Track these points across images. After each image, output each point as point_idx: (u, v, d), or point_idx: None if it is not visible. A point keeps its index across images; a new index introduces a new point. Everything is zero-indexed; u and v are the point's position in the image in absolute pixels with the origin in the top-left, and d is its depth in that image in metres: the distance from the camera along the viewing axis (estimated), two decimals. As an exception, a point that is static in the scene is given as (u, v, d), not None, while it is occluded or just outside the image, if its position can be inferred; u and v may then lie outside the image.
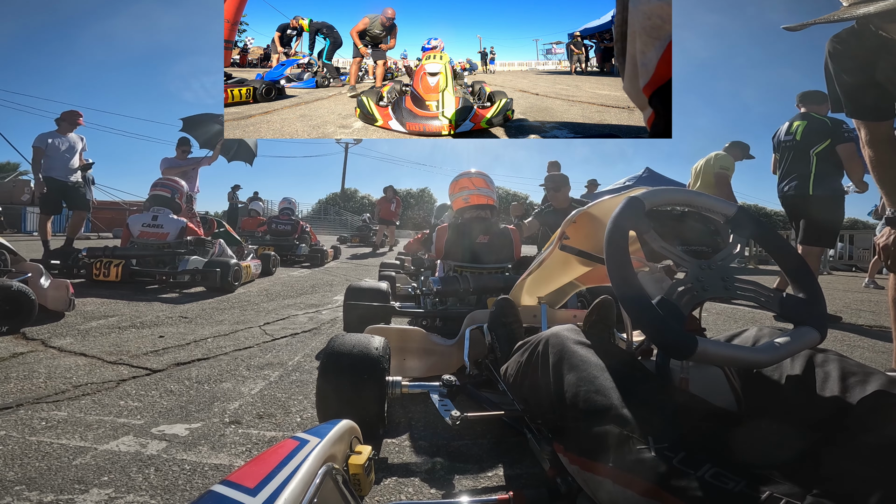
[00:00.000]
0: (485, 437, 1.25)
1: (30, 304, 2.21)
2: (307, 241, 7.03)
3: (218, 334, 2.30)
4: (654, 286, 0.83)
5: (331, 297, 3.61)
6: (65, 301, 2.54)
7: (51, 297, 2.50)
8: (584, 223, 1.19)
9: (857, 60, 1.36)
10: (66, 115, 4.98)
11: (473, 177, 2.58)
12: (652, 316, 0.71)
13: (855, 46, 1.35)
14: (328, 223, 23.59)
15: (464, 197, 2.53)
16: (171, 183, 4.28)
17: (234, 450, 1.14)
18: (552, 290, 1.71)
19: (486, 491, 1.00)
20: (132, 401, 1.42)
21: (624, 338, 1.09)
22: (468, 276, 2.23)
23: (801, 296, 0.80)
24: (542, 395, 0.84)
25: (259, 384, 1.61)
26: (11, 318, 2.15)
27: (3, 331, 2.10)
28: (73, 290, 2.59)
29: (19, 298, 2.18)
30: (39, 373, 1.62)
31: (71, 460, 1.05)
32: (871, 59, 1.33)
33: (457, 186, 2.59)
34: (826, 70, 1.45)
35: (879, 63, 1.32)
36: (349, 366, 1.15)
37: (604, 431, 0.66)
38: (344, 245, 11.18)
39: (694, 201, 0.91)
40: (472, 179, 2.56)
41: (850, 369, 0.72)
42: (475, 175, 2.59)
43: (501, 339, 1.35)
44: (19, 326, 2.18)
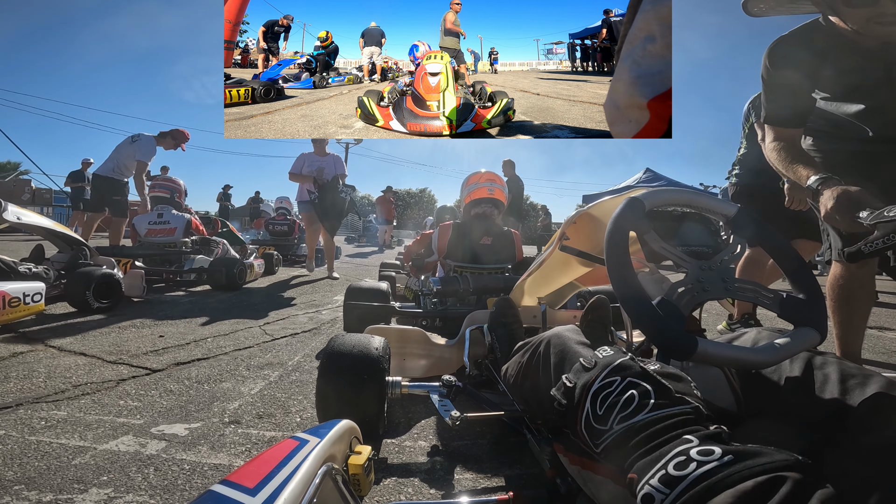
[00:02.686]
0: (485, 437, 1.25)
1: (119, 288, 2.82)
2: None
3: (218, 334, 2.30)
4: (655, 287, 0.83)
5: (331, 297, 3.61)
6: (139, 288, 3.01)
7: (127, 285, 2.95)
8: (584, 224, 1.19)
9: (798, 64, 1.39)
10: (176, 134, 4.58)
11: (483, 173, 2.58)
12: (652, 316, 0.71)
13: (801, 46, 1.38)
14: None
15: (474, 190, 2.52)
16: (169, 183, 4.28)
17: (234, 450, 1.14)
18: (552, 290, 1.71)
19: (486, 491, 1.00)
20: (132, 400, 1.42)
21: (624, 338, 1.09)
22: (468, 276, 2.23)
23: (801, 296, 0.80)
24: (544, 395, 0.83)
25: (259, 384, 1.61)
26: (107, 299, 2.70)
27: (104, 306, 2.67)
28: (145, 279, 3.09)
29: (113, 283, 2.77)
30: (39, 372, 1.62)
31: (70, 460, 1.05)
32: (814, 61, 1.36)
33: (467, 182, 2.59)
34: (765, 71, 1.46)
35: (828, 57, 1.34)
36: (349, 366, 1.15)
37: None
38: (352, 245, 11.27)
39: (694, 202, 0.91)
40: (482, 175, 2.57)
41: (849, 371, 0.72)
42: (485, 172, 2.59)
43: (501, 340, 1.35)
44: (110, 309, 2.70)
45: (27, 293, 2.20)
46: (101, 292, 2.68)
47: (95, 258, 3.15)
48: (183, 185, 4.38)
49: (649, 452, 0.47)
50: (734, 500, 0.37)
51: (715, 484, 0.39)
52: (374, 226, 14.24)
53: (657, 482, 0.43)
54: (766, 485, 0.38)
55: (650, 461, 0.45)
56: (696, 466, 0.41)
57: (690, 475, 0.41)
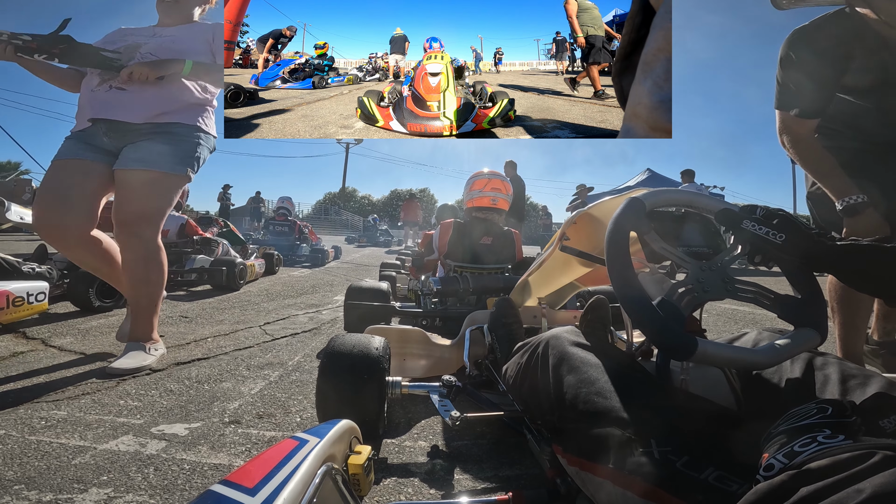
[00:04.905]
0: (485, 437, 1.25)
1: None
2: (307, 240, 7.03)
3: (218, 334, 2.30)
4: (655, 287, 0.83)
5: (331, 297, 3.61)
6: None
7: None
8: (584, 224, 1.19)
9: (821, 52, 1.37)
10: None
11: (487, 177, 2.55)
12: (652, 317, 0.71)
13: (823, 36, 1.36)
14: (328, 223, 23.63)
15: (477, 197, 2.51)
16: None
17: (234, 449, 1.14)
18: (552, 290, 1.71)
19: (486, 491, 1.00)
20: (132, 400, 1.42)
21: (624, 338, 1.08)
22: (468, 276, 2.23)
23: (800, 297, 0.80)
24: (542, 396, 0.83)
25: (259, 384, 1.61)
26: (110, 299, 2.73)
27: (107, 305, 2.71)
28: None
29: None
30: (39, 372, 1.62)
31: (70, 460, 1.05)
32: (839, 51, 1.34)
33: (471, 186, 2.57)
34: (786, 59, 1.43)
35: (854, 48, 1.32)
36: (349, 366, 1.15)
37: (604, 433, 0.66)
38: (352, 245, 11.29)
39: (695, 202, 0.91)
40: (487, 182, 2.53)
41: (849, 372, 0.72)
42: (488, 175, 2.57)
43: (501, 340, 1.35)
44: (114, 306, 2.75)
45: (31, 292, 2.20)
46: (104, 291, 2.69)
47: None
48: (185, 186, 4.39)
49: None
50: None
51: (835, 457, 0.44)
52: (373, 226, 14.28)
53: (781, 456, 0.48)
54: None
55: (782, 443, 0.51)
56: (818, 446, 0.47)
57: (809, 449, 0.47)
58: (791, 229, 0.77)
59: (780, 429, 0.55)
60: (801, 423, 0.53)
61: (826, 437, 0.48)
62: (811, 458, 0.45)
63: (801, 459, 0.46)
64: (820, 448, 0.47)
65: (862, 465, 0.41)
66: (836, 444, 0.46)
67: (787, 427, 0.54)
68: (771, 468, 0.48)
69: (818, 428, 0.50)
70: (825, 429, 0.50)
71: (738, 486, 0.53)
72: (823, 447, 0.47)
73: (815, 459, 0.45)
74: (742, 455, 0.57)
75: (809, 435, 0.50)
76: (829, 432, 0.49)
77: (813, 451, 0.47)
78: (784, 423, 0.55)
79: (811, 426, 0.51)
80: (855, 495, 0.38)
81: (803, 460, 0.46)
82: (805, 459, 0.46)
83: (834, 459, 0.43)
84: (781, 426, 0.55)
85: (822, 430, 0.50)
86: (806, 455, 0.46)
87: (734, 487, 0.53)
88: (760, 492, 0.45)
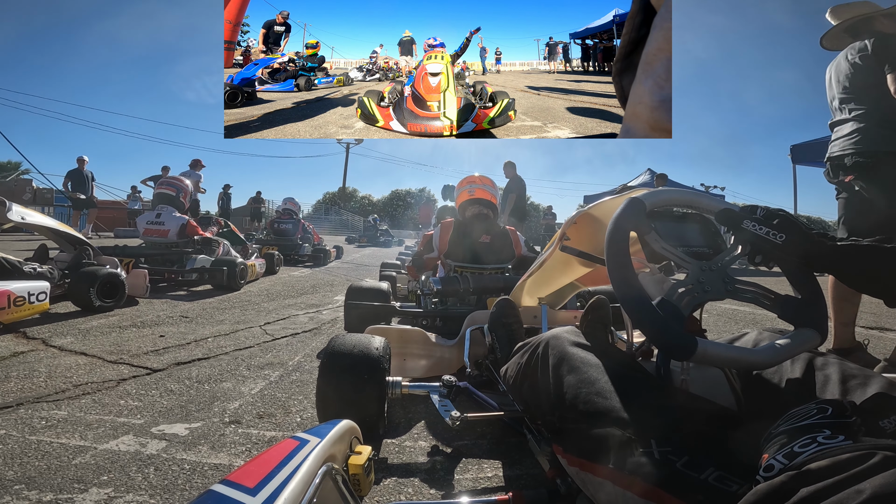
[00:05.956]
0: (485, 437, 1.25)
1: (123, 288, 2.85)
2: (310, 240, 7.04)
3: (218, 334, 2.30)
4: (655, 287, 0.83)
5: (331, 297, 3.61)
6: (143, 287, 3.09)
7: (131, 284, 2.98)
8: (584, 224, 1.18)
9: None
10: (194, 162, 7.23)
11: (476, 177, 2.64)
12: (652, 317, 0.71)
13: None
14: (328, 223, 23.63)
15: (468, 190, 2.57)
16: (176, 182, 4.33)
17: (234, 449, 1.14)
18: (553, 290, 1.71)
19: (486, 491, 1.00)
20: (132, 400, 1.42)
21: (624, 338, 1.08)
22: (468, 276, 2.23)
23: (801, 297, 0.80)
24: (542, 396, 0.83)
25: (259, 384, 1.61)
26: (110, 298, 2.75)
27: (108, 305, 2.71)
28: (148, 278, 3.17)
29: (116, 283, 2.81)
30: (40, 372, 1.62)
31: (71, 459, 1.05)
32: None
33: (461, 185, 2.64)
34: None
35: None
36: (349, 366, 1.15)
37: (604, 433, 0.66)
38: (353, 245, 11.32)
39: (695, 202, 0.91)
40: (476, 178, 2.62)
41: (850, 372, 0.72)
42: (478, 176, 2.65)
43: (502, 340, 1.35)
44: (114, 306, 2.76)
45: (32, 292, 2.22)
46: (105, 291, 2.72)
47: (99, 258, 3.18)
48: (189, 185, 4.41)
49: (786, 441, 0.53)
50: None
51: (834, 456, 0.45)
52: (374, 226, 14.32)
53: (781, 456, 0.49)
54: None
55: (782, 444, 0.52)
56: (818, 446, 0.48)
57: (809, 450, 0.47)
58: (791, 229, 0.77)
59: (780, 429, 0.55)
60: (801, 423, 0.53)
61: (826, 437, 0.49)
62: (811, 459, 0.45)
63: (801, 460, 0.46)
64: (820, 448, 0.47)
65: (862, 465, 0.41)
66: (836, 445, 0.47)
67: (787, 427, 0.54)
68: (771, 469, 0.49)
69: (818, 428, 0.51)
70: (825, 429, 0.50)
71: (739, 486, 0.53)
72: (823, 448, 0.47)
73: (815, 460, 0.45)
74: (742, 455, 0.57)
75: (809, 435, 0.50)
76: (829, 433, 0.49)
77: (813, 451, 0.47)
78: (784, 424, 0.55)
79: (811, 426, 0.51)
80: (855, 496, 0.38)
81: (803, 461, 0.46)
82: (805, 460, 0.46)
83: (834, 460, 0.44)
84: (781, 426, 0.55)
85: (822, 430, 0.50)
86: (806, 455, 0.47)
87: (734, 488, 0.53)
88: (760, 492, 0.45)
